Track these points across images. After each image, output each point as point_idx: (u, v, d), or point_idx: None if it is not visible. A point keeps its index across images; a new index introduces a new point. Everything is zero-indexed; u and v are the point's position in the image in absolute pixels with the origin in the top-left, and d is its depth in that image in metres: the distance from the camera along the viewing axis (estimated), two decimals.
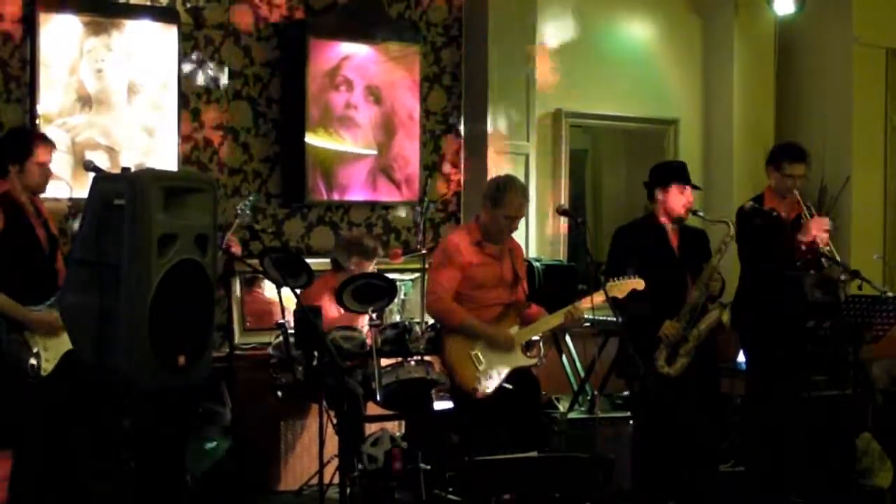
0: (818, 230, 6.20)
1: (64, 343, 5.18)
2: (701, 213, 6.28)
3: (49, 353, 5.20)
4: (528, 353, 6.00)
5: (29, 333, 5.20)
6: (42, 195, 5.58)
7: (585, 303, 5.90)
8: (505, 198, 5.99)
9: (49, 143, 5.49)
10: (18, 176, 5.30)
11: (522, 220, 7.15)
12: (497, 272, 6.04)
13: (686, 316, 5.94)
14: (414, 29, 7.82)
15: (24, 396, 5.13)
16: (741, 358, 6.94)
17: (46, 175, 5.42)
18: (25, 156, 5.33)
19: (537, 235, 8.11)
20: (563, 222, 8.30)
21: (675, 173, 6.14)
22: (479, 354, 5.87)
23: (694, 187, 6.17)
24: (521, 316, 6.06)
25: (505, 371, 5.92)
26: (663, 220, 6.10)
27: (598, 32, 8.67)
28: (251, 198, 6.58)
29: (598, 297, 5.80)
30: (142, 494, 5.23)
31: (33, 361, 5.15)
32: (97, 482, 5.36)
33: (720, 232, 6.18)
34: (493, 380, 5.87)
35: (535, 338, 6.07)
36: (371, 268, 6.57)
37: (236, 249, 6.25)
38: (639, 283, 5.86)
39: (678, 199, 6.06)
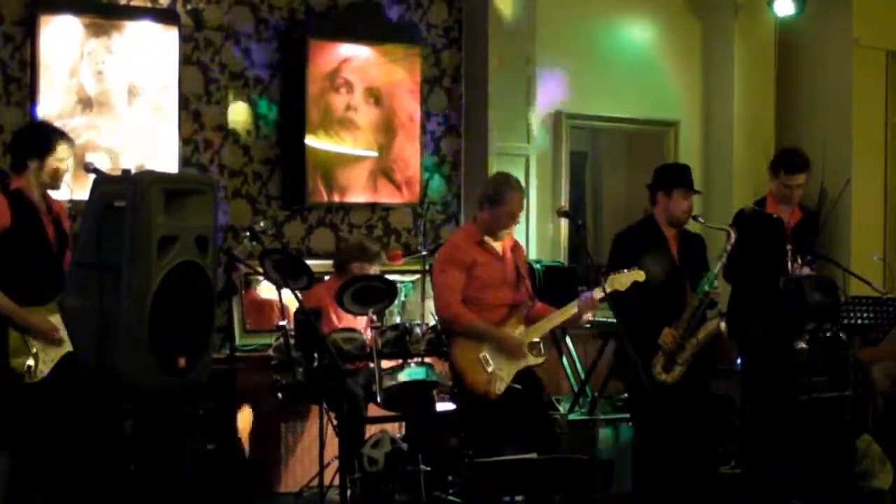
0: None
1: (62, 346, 5.18)
2: (701, 219, 6.25)
3: (46, 354, 5.19)
4: (533, 353, 5.99)
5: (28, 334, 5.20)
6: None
7: (599, 292, 5.86)
8: (505, 195, 5.98)
9: (70, 141, 5.46)
10: (36, 172, 5.29)
11: (523, 222, 7.16)
12: (501, 271, 6.02)
13: (685, 324, 5.92)
14: (414, 31, 7.82)
15: (19, 398, 5.13)
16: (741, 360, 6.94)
17: (63, 172, 5.41)
18: (47, 152, 5.30)
19: (537, 237, 8.11)
20: (564, 224, 8.30)
21: (679, 178, 6.11)
22: (488, 356, 5.86)
23: (696, 193, 6.15)
24: (527, 315, 6.05)
25: (513, 371, 5.91)
26: (662, 224, 6.08)
27: (599, 34, 8.67)
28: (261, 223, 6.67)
29: (609, 286, 5.78)
30: (142, 496, 5.24)
31: (30, 362, 5.15)
32: (97, 484, 5.36)
33: (719, 237, 6.16)
34: (502, 381, 5.86)
35: (535, 339, 6.06)
36: (373, 271, 6.58)
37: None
38: (640, 275, 5.82)
39: (680, 205, 6.02)
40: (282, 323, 6.19)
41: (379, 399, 5.97)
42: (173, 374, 4.75)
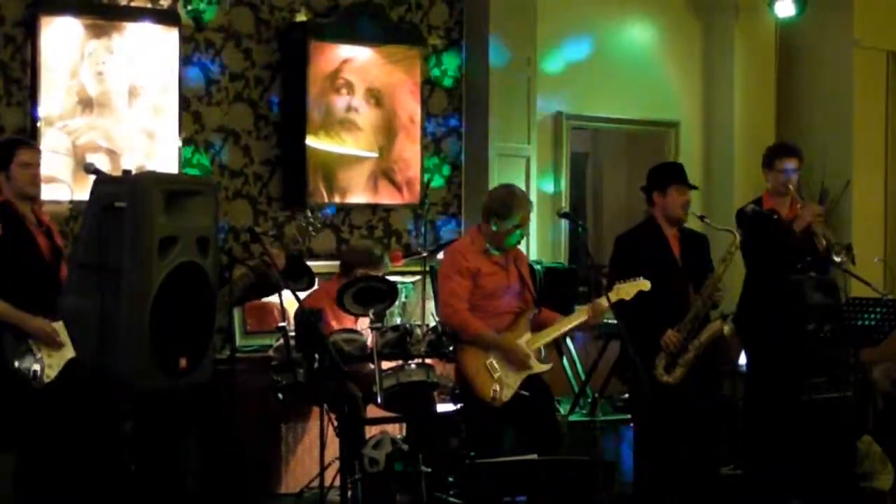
0: (811, 217, 6.37)
1: (68, 350, 5.17)
2: (708, 220, 6.25)
3: (53, 359, 5.19)
4: (538, 358, 5.98)
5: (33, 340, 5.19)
6: (42, 198, 5.57)
7: (605, 300, 5.86)
8: (513, 209, 5.96)
9: (31, 146, 5.48)
10: (8, 183, 5.29)
11: None
12: (505, 280, 6.02)
13: (688, 326, 5.92)
14: (415, 32, 7.82)
15: (26, 402, 5.13)
16: (742, 360, 6.94)
17: (35, 177, 5.38)
18: (8, 161, 5.31)
19: (538, 238, 8.10)
20: (564, 225, 8.29)
21: (672, 175, 6.13)
22: (494, 363, 5.84)
23: (692, 188, 6.16)
24: (533, 322, 6.04)
25: (520, 378, 5.90)
26: (663, 224, 6.09)
27: (599, 35, 8.67)
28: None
29: (615, 295, 5.80)
30: (142, 497, 5.24)
31: (36, 367, 5.14)
32: (97, 484, 5.35)
33: (723, 237, 6.16)
34: (509, 387, 5.85)
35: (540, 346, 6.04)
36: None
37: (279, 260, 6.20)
38: (645, 285, 5.84)
39: (677, 202, 6.04)
40: (282, 324, 6.18)
41: (379, 400, 5.96)
42: (174, 375, 4.75)
